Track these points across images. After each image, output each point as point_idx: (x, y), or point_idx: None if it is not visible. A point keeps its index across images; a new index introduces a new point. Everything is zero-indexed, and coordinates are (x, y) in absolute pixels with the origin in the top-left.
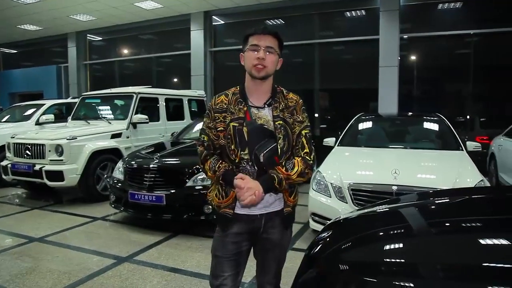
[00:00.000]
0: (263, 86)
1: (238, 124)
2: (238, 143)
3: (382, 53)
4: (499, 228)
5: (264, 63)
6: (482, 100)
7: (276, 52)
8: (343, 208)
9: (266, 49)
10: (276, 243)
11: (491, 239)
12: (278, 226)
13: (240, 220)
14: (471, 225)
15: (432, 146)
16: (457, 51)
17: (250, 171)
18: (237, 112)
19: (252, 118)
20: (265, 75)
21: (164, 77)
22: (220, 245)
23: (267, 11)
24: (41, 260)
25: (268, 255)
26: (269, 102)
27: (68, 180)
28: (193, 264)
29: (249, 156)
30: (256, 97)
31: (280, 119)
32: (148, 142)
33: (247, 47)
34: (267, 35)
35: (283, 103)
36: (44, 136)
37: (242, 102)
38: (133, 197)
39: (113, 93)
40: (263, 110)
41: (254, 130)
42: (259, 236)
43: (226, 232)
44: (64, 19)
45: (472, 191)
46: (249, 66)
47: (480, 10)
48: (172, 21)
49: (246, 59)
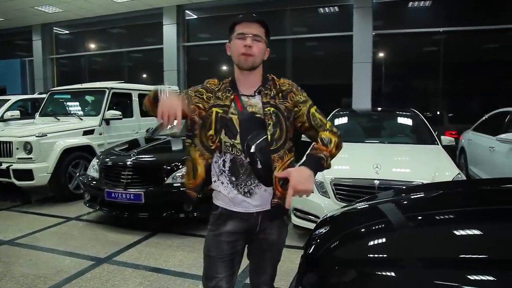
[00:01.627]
0: (251, 76)
1: (222, 111)
2: (217, 130)
3: (355, 50)
4: (484, 219)
5: (251, 51)
6: (451, 96)
7: (263, 41)
8: (325, 203)
9: (253, 37)
10: (274, 243)
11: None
12: (275, 225)
13: (235, 217)
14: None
15: (409, 141)
16: (426, 48)
17: (244, 162)
18: (223, 99)
19: (244, 106)
20: (253, 65)
21: (136, 72)
22: (214, 244)
23: (241, 6)
24: (13, 264)
25: (265, 255)
26: (259, 90)
27: (38, 179)
28: (175, 263)
29: (241, 147)
30: (246, 87)
31: (270, 106)
32: (122, 139)
33: (233, 36)
34: (253, 23)
35: (274, 89)
36: (11, 133)
37: (230, 90)
38: (109, 196)
39: (84, 88)
40: (254, 98)
41: (245, 118)
42: (254, 236)
43: (218, 230)
44: (28, 10)
45: (452, 184)
46: (236, 55)
47: (449, 8)
48: (144, 14)
49: (233, 48)
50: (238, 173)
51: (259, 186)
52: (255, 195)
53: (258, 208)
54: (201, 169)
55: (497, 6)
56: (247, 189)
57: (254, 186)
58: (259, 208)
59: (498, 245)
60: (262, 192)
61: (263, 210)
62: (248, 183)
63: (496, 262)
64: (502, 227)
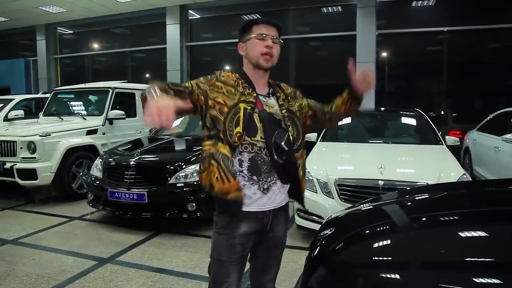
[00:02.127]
0: (264, 77)
1: (250, 108)
2: (244, 127)
3: (359, 49)
4: (490, 220)
5: (272, 51)
6: (455, 96)
7: (280, 44)
8: (329, 203)
9: (273, 39)
10: (280, 240)
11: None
12: (282, 222)
13: (249, 218)
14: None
15: (413, 141)
16: (430, 47)
17: (266, 160)
18: (247, 96)
19: (263, 106)
20: (271, 66)
21: (139, 72)
22: (226, 248)
23: (244, 5)
24: (16, 264)
25: (272, 254)
26: (272, 91)
27: (41, 179)
28: (178, 264)
29: (265, 145)
30: (261, 87)
31: (285, 108)
32: (125, 138)
33: (252, 36)
34: (273, 27)
35: (282, 93)
36: (15, 132)
37: (249, 87)
38: (113, 196)
39: (87, 88)
40: (269, 99)
41: (267, 119)
42: (264, 235)
43: (231, 233)
44: (32, 10)
45: (458, 185)
46: (256, 55)
47: (452, 8)
48: (147, 14)
49: (252, 48)
50: (260, 172)
51: (276, 183)
52: (270, 192)
53: (272, 205)
54: (230, 174)
55: (501, 6)
56: (267, 186)
57: (273, 183)
58: (273, 206)
59: (504, 247)
60: (277, 190)
61: (274, 208)
62: (268, 179)
63: (503, 265)
64: (509, 229)
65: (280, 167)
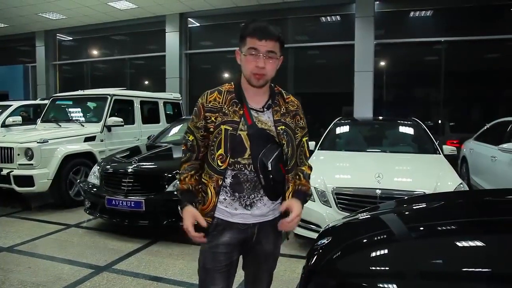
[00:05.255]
0: (261, 90)
1: (232, 128)
2: (228, 149)
3: (357, 58)
4: (487, 230)
5: (263, 71)
6: (452, 105)
7: (276, 57)
8: (327, 212)
9: (266, 54)
10: (270, 254)
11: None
12: (272, 236)
13: (232, 228)
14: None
15: (410, 150)
16: (428, 57)
17: (249, 177)
18: (231, 115)
19: (253, 121)
20: (265, 83)
21: (138, 79)
22: (210, 256)
23: (243, 14)
24: (11, 272)
25: (262, 266)
26: (268, 104)
27: (38, 186)
28: (175, 272)
29: (251, 162)
30: (254, 98)
31: (282, 124)
32: (123, 145)
33: (245, 48)
34: (268, 40)
35: (283, 106)
36: (12, 139)
37: (238, 103)
38: (110, 203)
39: (86, 95)
40: (263, 114)
41: (257, 134)
42: (250, 246)
43: (214, 242)
44: (32, 17)
45: (455, 195)
46: (247, 72)
47: (450, 18)
48: (147, 22)
49: (245, 64)
50: (242, 189)
51: (262, 200)
52: (255, 207)
53: (256, 219)
54: (212, 193)
55: (498, 16)
56: (249, 202)
57: (257, 199)
58: (257, 220)
59: (501, 257)
60: (262, 206)
61: (260, 221)
62: (251, 196)
63: (500, 275)
64: (506, 239)
65: (266, 184)
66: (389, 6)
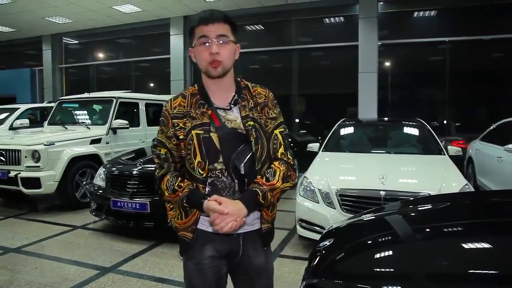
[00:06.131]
0: (223, 83)
1: (203, 132)
2: (205, 154)
3: (361, 59)
4: (493, 232)
5: (218, 57)
6: (457, 105)
7: (230, 40)
8: (331, 213)
9: (217, 39)
10: (262, 270)
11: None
12: (260, 248)
13: (214, 239)
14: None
15: (415, 151)
16: (432, 57)
17: (227, 183)
18: (200, 117)
19: (222, 121)
20: (223, 72)
21: (143, 82)
22: (197, 272)
23: (247, 16)
24: (19, 272)
25: (255, 284)
26: (235, 100)
27: (45, 187)
28: (180, 274)
29: (225, 166)
30: (219, 96)
31: (250, 119)
32: (129, 148)
33: (196, 40)
34: (215, 23)
35: (251, 100)
36: (19, 141)
37: (205, 104)
38: (115, 205)
39: (91, 98)
40: (231, 112)
41: (226, 135)
42: (238, 262)
43: (197, 256)
44: (39, 21)
45: (460, 196)
46: (203, 64)
47: (454, 18)
48: (151, 25)
49: (198, 56)
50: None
51: None
52: None
53: (239, 229)
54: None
55: (502, 16)
56: None
57: None
58: (241, 229)
59: (508, 259)
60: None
61: (244, 231)
62: None
63: (506, 277)
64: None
65: (241, 190)
66: (393, 6)
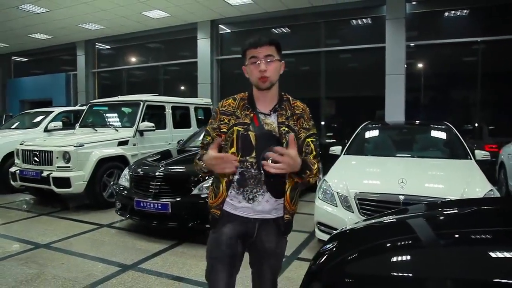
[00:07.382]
0: (269, 94)
1: (243, 129)
2: (239, 148)
3: (388, 61)
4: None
5: (266, 74)
6: (490, 108)
7: (276, 59)
8: (349, 217)
9: (265, 58)
10: (271, 253)
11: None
12: (273, 235)
13: (234, 220)
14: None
15: (439, 155)
16: (464, 58)
17: (254, 174)
18: (243, 117)
19: (260, 123)
20: (270, 85)
21: (171, 85)
22: (214, 244)
23: (273, 19)
24: (47, 267)
25: (264, 264)
26: (275, 108)
27: (75, 187)
28: (197, 273)
29: (255, 160)
30: (263, 104)
31: (285, 126)
32: (155, 149)
33: (247, 60)
34: (263, 46)
35: (289, 110)
36: (52, 143)
37: (249, 108)
38: (138, 205)
39: (120, 101)
40: (270, 117)
41: (262, 135)
42: (252, 243)
43: (218, 232)
44: (73, 28)
45: (481, 201)
46: (254, 79)
47: (486, 17)
48: (179, 29)
49: (250, 73)
50: (246, 185)
51: (264, 195)
52: (256, 202)
53: (257, 214)
54: (223, 188)
55: None
56: (252, 196)
57: (259, 194)
58: (258, 215)
59: None
60: (264, 202)
61: (261, 218)
62: (254, 190)
63: None
64: None
65: (267, 180)
66: (421, 7)
